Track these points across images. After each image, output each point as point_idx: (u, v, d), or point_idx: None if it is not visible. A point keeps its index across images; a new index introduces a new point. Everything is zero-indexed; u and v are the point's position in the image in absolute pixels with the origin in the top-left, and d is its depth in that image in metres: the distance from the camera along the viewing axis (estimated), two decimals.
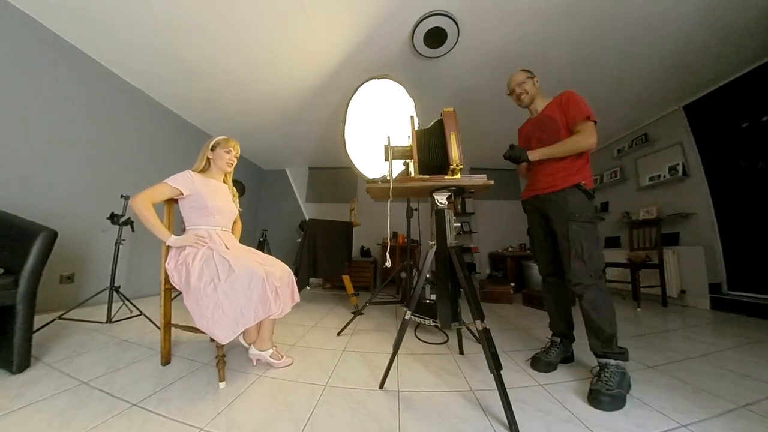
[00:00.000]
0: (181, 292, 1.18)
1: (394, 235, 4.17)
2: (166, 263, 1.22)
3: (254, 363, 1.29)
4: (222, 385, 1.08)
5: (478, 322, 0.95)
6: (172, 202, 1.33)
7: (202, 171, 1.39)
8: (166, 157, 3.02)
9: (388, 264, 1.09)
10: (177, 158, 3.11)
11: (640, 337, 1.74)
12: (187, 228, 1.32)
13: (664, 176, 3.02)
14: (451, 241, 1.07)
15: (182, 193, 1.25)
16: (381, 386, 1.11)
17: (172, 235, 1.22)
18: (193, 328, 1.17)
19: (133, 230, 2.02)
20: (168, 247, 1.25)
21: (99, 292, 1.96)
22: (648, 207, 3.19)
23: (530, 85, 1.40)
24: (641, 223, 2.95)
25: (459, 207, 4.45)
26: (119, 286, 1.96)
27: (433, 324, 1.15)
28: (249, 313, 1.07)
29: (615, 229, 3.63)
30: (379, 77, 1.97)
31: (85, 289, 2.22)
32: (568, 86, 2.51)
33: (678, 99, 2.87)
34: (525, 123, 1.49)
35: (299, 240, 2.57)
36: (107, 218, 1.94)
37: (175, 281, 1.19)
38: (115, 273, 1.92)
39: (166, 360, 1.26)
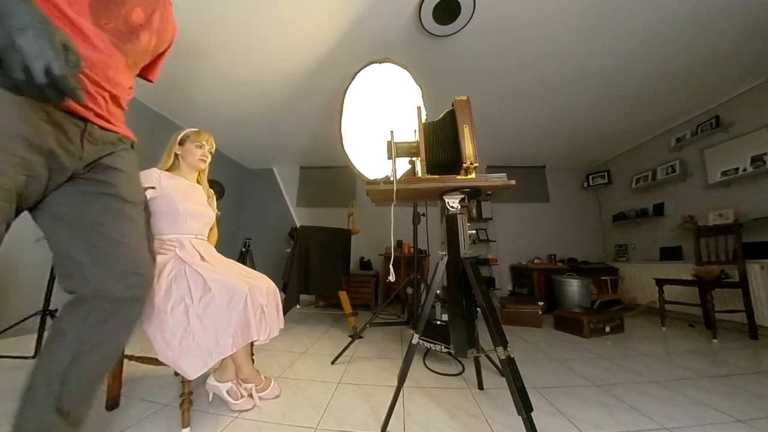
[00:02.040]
0: None
1: (399, 244, 4.17)
2: None
3: (209, 398, 1.25)
4: (186, 431, 1.05)
5: (499, 349, 0.93)
6: None
7: (170, 169, 1.39)
8: None
9: (392, 278, 1.10)
10: (137, 154, 3.11)
11: (721, 378, 1.57)
12: (154, 237, 1.31)
13: (744, 169, 2.79)
14: (465, 251, 1.06)
15: (153, 188, 1.23)
16: (384, 429, 1.09)
17: None
18: (151, 359, 1.11)
19: None
20: None
21: (26, 318, 1.86)
22: (721, 209, 3.01)
23: None
24: (712, 230, 2.80)
25: (474, 211, 4.43)
26: (55, 310, 1.82)
27: (446, 350, 1.13)
28: (226, 339, 1.05)
29: (674, 238, 3.51)
30: (380, 61, 1.98)
31: (6, 315, 2.03)
32: (618, 56, 2.42)
33: (764, 69, 2.62)
34: None
35: (288, 251, 2.57)
36: None
37: None
38: (51, 294, 1.82)
39: (113, 402, 1.20)
